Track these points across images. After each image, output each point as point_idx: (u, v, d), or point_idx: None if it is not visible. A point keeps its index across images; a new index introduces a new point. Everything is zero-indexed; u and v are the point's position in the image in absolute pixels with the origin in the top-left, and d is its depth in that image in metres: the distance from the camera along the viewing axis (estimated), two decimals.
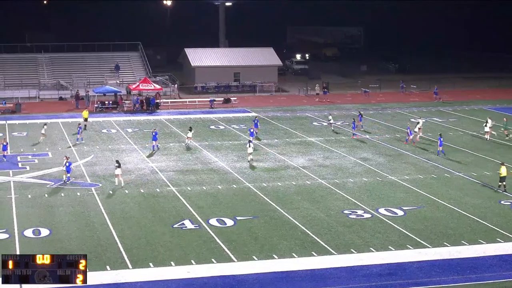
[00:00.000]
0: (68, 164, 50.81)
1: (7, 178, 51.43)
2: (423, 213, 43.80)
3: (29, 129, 70.50)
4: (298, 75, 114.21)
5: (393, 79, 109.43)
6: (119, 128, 70.16)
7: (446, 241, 38.84)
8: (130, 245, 37.85)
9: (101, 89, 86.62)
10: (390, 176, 52.42)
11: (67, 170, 50.85)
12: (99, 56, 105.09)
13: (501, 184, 48.78)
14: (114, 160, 53.55)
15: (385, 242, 38.56)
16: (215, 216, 42.89)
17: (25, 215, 42.93)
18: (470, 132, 69.57)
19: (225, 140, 65.59)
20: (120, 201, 46.04)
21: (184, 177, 52.15)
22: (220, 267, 35.06)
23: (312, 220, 42.35)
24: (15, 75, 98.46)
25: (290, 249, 37.46)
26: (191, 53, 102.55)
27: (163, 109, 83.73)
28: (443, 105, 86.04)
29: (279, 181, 51.07)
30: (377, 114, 79.72)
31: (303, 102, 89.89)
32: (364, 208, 44.66)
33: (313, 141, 65.31)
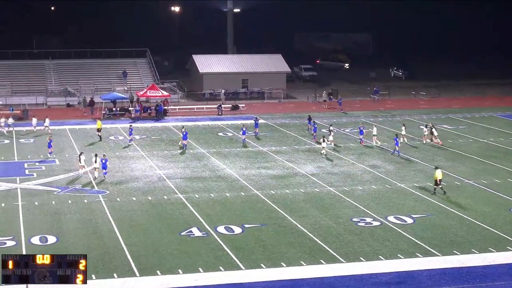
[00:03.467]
0: (105, 161, 53.34)
1: (14, 185, 51.31)
2: (433, 221, 43.49)
3: (36, 136, 70.38)
4: (307, 82, 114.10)
5: (402, 86, 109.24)
6: (126, 135, 70.01)
7: (456, 249, 38.53)
8: (138, 252, 37.64)
9: (108, 96, 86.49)
10: (399, 184, 52.12)
11: (103, 167, 53.02)
12: (106, 62, 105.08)
13: (437, 187, 49.39)
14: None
15: (394, 250, 38.27)
16: (223, 223, 42.65)
17: (32, 222, 42.79)
18: (481, 139, 69.19)
19: (233, 147, 65.37)
20: (128, 208, 45.84)
21: (192, 184, 51.94)
22: (228, 275, 34.84)
23: (321, 228, 42.07)
24: (22, 81, 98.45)
25: (299, 257, 37.20)
26: (199, 60, 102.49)
27: (171, 115, 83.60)
28: (453, 112, 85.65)
29: (288, 189, 50.81)
30: (386, 121, 79.40)
31: (312, 109, 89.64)
32: (373, 216, 44.37)
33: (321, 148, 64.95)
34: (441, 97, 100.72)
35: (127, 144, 66.35)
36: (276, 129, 74.65)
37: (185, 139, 64.60)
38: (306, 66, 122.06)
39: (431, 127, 67.83)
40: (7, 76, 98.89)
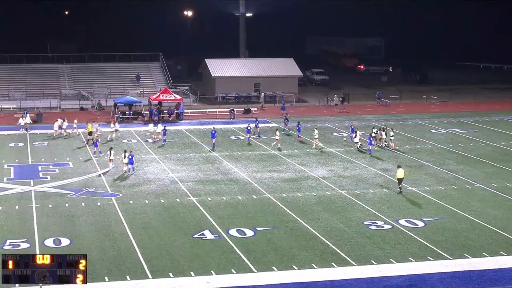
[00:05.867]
0: (131, 157, 56.25)
1: (28, 188, 51.66)
2: (444, 224, 43.59)
3: (50, 139, 70.82)
4: (318, 86, 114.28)
5: (414, 90, 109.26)
6: (139, 138, 70.31)
7: (467, 252, 38.62)
8: (150, 255, 37.89)
9: (121, 100, 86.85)
10: (411, 187, 52.20)
11: (130, 162, 55.98)
12: (120, 66, 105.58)
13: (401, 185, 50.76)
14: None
15: (405, 254, 38.40)
16: (235, 226, 42.86)
17: (46, 224, 43.09)
18: (492, 143, 69.21)
19: (245, 150, 65.61)
20: (140, 211, 46.12)
21: (204, 187, 52.20)
22: (240, 278, 35.03)
23: (332, 231, 42.24)
24: (36, 85, 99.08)
25: (310, 260, 37.37)
26: (211, 64, 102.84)
27: (183, 119, 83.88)
28: (464, 116, 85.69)
29: (299, 192, 51.00)
30: (397, 125, 79.45)
31: (323, 112, 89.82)
32: (384, 219, 44.50)
33: (333, 151, 65.20)
34: (452, 101, 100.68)
35: (140, 147, 66.67)
36: (288, 132, 74.81)
37: (213, 138, 67.59)
38: (318, 70, 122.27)
39: (383, 129, 67.92)
40: (22, 80, 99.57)
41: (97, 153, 63.02)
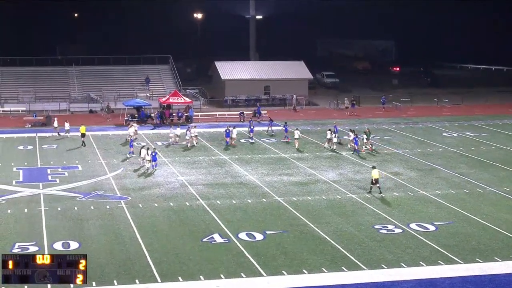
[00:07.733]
0: (154, 154, 58.05)
1: (37, 191, 51.57)
2: (455, 228, 43.25)
3: (59, 141, 70.79)
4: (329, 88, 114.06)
5: (425, 93, 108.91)
6: (148, 141, 70.19)
7: (479, 257, 38.29)
8: (159, 258, 37.68)
9: (131, 102, 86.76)
10: (422, 191, 51.89)
11: (153, 159, 57.54)
12: (129, 69, 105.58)
13: (374, 186, 50.74)
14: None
15: (416, 258, 38.08)
16: (245, 230, 42.63)
17: (54, 228, 42.95)
18: (504, 146, 68.82)
19: (254, 154, 65.40)
20: (150, 214, 45.93)
21: (214, 191, 51.99)
22: (250, 282, 34.79)
23: (343, 234, 41.96)
24: (45, 88, 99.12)
25: (320, 264, 37.10)
26: (221, 66, 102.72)
27: (194, 122, 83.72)
28: (475, 119, 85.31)
29: (309, 195, 50.74)
30: (408, 128, 79.16)
31: (334, 115, 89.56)
32: (395, 223, 44.19)
33: (343, 155, 64.92)
34: (463, 104, 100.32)
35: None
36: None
37: (227, 136, 69.32)
38: (328, 73, 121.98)
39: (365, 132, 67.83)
40: (31, 83, 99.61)
41: (130, 154, 63.80)
